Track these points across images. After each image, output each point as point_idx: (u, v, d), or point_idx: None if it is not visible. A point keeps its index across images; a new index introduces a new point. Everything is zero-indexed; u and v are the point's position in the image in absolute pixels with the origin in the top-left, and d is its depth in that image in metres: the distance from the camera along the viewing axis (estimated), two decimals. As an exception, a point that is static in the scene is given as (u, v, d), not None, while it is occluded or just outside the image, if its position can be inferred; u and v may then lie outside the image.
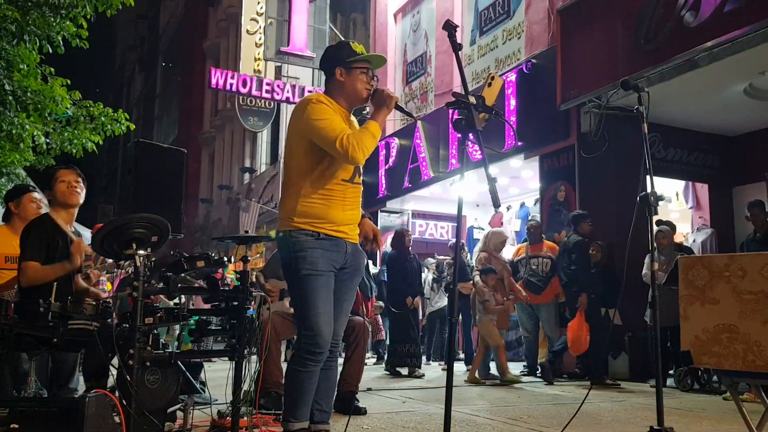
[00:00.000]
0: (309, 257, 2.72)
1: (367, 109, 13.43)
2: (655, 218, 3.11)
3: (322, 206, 2.76)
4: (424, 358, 9.19)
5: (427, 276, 9.72)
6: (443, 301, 9.43)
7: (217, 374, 5.55)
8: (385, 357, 8.18)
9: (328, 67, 2.89)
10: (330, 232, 2.77)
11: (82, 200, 3.78)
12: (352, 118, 2.95)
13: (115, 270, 4.76)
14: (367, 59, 2.86)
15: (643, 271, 6.50)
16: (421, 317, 9.24)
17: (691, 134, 8.36)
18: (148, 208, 3.35)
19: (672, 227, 7.03)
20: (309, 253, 2.72)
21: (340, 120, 2.74)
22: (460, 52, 2.56)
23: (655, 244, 3.21)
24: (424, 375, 7.20)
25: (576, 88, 7.80)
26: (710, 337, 2.72)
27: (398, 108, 2.84)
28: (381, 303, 9.14)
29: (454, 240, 10.19)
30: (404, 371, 7.31)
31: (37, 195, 4.33)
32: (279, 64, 15.40)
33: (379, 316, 9.21)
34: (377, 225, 12.94)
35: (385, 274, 9.33)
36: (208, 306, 3.43)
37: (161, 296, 4.67)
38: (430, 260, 10.09)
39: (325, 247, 2.75)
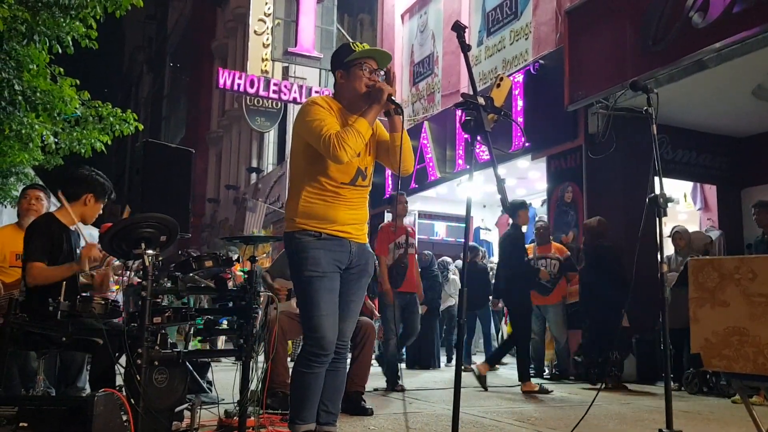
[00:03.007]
0: (311, 258, 2.70)
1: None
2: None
3: (322, 206, 2.74)
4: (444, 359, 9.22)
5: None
6: (448, 302, 9.43)
7: (225, 374, 5.56)
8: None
9: (333, 72, 2.91)
10: (333, 232, 2.74)
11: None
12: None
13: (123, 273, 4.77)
14: (365, 56, 2.81)
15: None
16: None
17: (700, 135, 8.32)
18: (156, 208, 3.36)
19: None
20: (311, 254, 2.70)
21: (332, 120, 2.71)
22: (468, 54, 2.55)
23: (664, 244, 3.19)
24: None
25: (584, 89, 7.78)
26: (720, 339, 2.70)
27: (390, 100, 2.73)
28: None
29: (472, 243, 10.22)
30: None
31: (39, 192, 4.38)
32: (286, 64, 15.42)
33: None
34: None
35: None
36: None
37: None
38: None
39: (327, 248, 2.72)
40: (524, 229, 6.62)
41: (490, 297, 8.85)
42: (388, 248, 6.07)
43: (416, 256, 6.65)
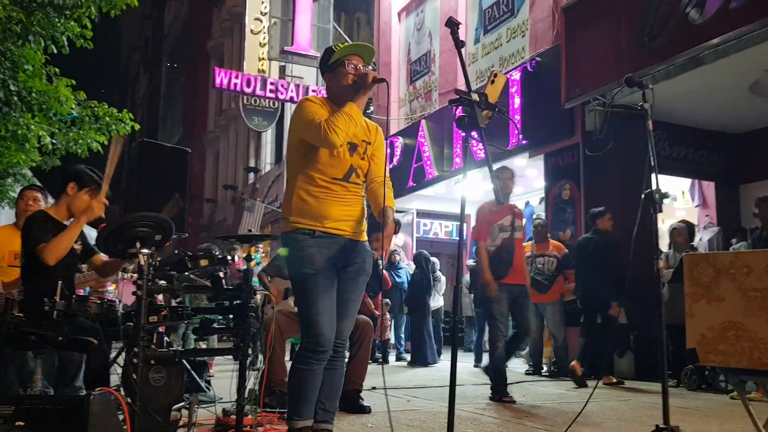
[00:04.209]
0: (306, 257, 2.71)
1: (371, 108, 13.36)
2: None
3: (315, 204, 2.76)
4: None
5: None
6: (438, 302, 9.45)
7: (223, 373, 5.56)
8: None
9: (323, 76, 2.97)
10: (326, 230, 2.75)
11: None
12: (364, 123, 2.93)
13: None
14: (347, 53, 2.84)
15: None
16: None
17: (697, 132, 8.32)
18: (152, 208, 3.36)
19: (690, 226, 6.99)
20: (306, 253, 2.72)
21: (324, 112, 2.75)
22: (463, 51, 2.55)
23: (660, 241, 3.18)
24: None
25: (581, 86, 7.77)
26: (716, 334, 2.70)
27: (375, 81, 2.77)
28: (387, 300, 9.14)
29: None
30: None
31: (36, 193, 4.40)
32: (283, 63, 15.40)
33: (387, 314, 9.21)
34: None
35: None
36: None
37: None
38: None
39: (322, 246, 2.74)
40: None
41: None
42: (488, 231, 5.16)
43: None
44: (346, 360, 3.43)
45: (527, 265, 7.60)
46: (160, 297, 4.22)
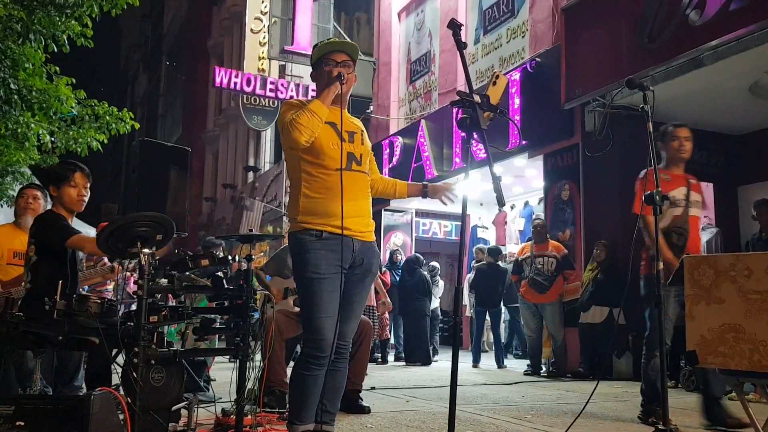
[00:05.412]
0: (312, 259, 2.70)
1: (371, 108, 13.34)
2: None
3: (321, 200, 2.74)
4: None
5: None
6: (434, 304, 9.48)
7: (221, 373, 5.56)
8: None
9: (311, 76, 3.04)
10: (334, 229, 2.71)
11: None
12: (348, 115, 2.94)
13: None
14: (324, 52, 2.86)
15: None
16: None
17: (696, 133, 8.22)
18: (153, 207, 3.35)
19: None
20: (312, 255, 2.70)
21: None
22: (465, 52, 2.56)
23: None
24: None
25: (580, 86, 7.78)
26: (716, 336, 2.71)
27: (335, 78, 2.77)
28: (386, 300, 9.15)
29: (485, 245, 10.26)
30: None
31: (36, 191, 4.40)
32: (283, 62, 15.42)
33: (387, 314, 9.21)
34: (381, 224, 12.83)
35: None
36: None
37: None
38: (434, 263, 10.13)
39: (328, 248, 2.71)
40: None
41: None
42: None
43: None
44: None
45: (527, 266, 7.63)
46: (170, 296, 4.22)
